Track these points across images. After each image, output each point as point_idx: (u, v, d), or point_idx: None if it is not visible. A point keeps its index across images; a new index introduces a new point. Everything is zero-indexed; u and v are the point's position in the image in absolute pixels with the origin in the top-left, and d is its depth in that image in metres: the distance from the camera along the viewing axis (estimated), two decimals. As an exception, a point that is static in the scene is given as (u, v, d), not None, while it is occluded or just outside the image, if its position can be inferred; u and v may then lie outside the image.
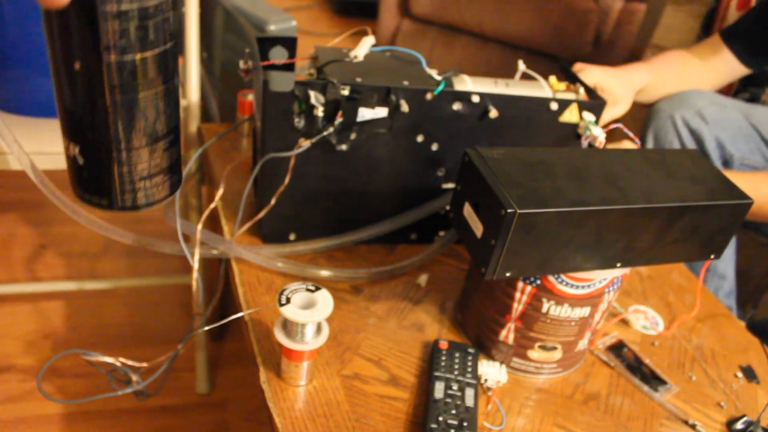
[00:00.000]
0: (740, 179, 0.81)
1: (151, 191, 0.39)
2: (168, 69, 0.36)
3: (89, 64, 0.33)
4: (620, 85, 1.01)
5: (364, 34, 0.86)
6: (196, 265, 0.79)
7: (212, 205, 0.88)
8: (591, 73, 0.97)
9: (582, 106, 0.81)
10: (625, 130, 0.83)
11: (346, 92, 0.74)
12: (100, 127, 0.35)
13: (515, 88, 0.83)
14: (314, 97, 0.74)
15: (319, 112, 0.74)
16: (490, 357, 0.75)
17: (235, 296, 0.78)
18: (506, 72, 0.89)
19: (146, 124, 0.36)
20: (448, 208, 0.85)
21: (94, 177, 0.37)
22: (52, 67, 0.35)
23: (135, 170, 0.37)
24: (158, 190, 0.39)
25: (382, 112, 0.77)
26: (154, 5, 0.33)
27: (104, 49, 0.33)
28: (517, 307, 0.70)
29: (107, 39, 0.32)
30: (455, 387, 0.67)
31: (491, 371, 0.71)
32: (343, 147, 0.78)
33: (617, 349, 0.80)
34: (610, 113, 0.99)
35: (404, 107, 0.76)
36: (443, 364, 0.70)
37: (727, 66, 1.17)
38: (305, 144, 0.76)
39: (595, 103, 0.82)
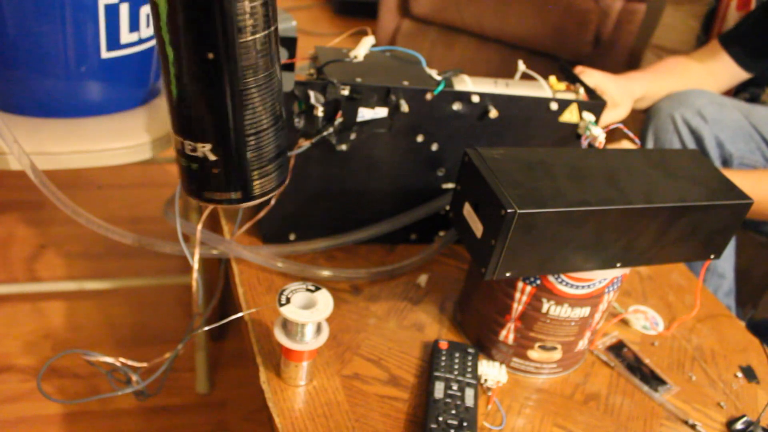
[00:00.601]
0: (738, 177, 0.81)
1: (279, 172, 0.39)
2: (277, 47, 0.37)
3: (224, 49, 0.33)
4: (619, 90, 1.01)
5: (364, 34, 0.86)
6: (196, 265, 0.79)
7: (212, 205, 0.88)
8: (590, 76, 0.97)
9: (582, 106, 0.81)
10: (625, 130, 0.83)
11: (346, 92, 0.74)
12: (234, 115, 0.35)
13: (515, 88, 0.83)
14: (314, 97, 0.74)
15: (319, 112, 0.74)
16: (490, 357, 0.75)
17: (235, 296, 0.78)
18: (506, 72, 0.89)
19: (271, 103, 0.37)
20: (448, 208, 0.85)
21: (229, 171, 0.37)
22: (174, 69, 0.34)
23: (266, 153, 0.38)
24: (280, 172, 0.40)
25: (382, 112, 0.77)
26: None
27: (237, 31, 0.33)
28: (517, 307, 0.70)
29: (241, 20, 0.33)
30: (455, 387, 0.67)
31: (491, 371, 0.71)
32: (343, 147, 0.78)
33: (617, 349, 0.80)
34: (608, 116, 0.99)
35: (404, 107, 0.76)
36: (443, 364, 0.70)
37: (727, 71, 1.17)
38: (305, 144, 0.76)
39: (595, 103, 0.82)
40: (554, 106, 0.80)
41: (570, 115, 0.82)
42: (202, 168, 0.37)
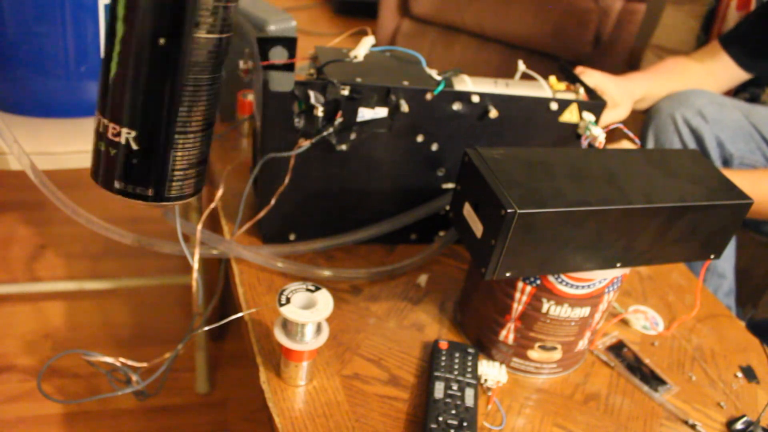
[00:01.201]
0: (738, 177, 0.81)
1: (195, 181, 0.38)
2: (226, 55, 0.37)
3: (176, 39, 0.33)
4: (619, 90, 1.01)
5: (364, 34, 0.86)
6: (196, 265, 0.79)
7: (212, 205, 0.88)
8: (590, 76, 0.97)
9: (582, 106, 0.81)
10: (625, 130, 0.83)
11: (346, 92, 0.74)
12: (170, 108, 0.35)
13: (515, 88, 0.83)
14: (314, 97, 0.74)
15: (319, 112, 0.74)
16: (490, 357, 0.75)
17: (235, 296, 0.78)
18: (506, 72, 0.89)
19: (205, 108, 0.36)
20: (448, 208, 0.85)
21: (147, 165, 0.36)
22: (119, 47, 0.33)
23: (189, 156, 0.37)
24: (199, 181, 0.39)
25: (382, 112, 0.77)
26: None
27: (194, 25, 0.33)
28: (517, 307, 0.70)
29: (201, 14, 0.33)
30: (455, 387, 0.67)
31: (491, 371, 0.71)
32: (343, 147, 0.78)
33: (617, 349, 0.80)
34: (608, 116, 0.99)
35: (404, 107, 0.76)
36: (443, 364, 0.70)
37: (727, 71, 1.17)
38: (305, 144, 0.76)
39: (595, 103, 0.82)
40: (554, 106, 0.80)
41: (570, 115, 0.82)
42: (120, 155, 0.36)
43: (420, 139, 0.81)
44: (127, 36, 0.33)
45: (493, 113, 0.79)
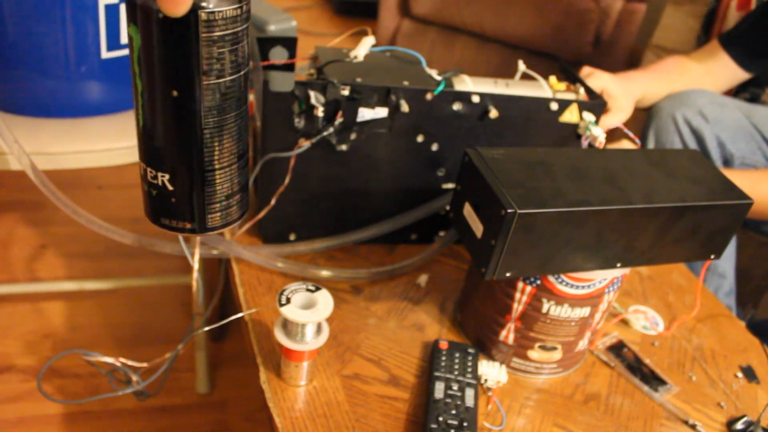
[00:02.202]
0: (738, 177, 0.81)
1: (233, 210, 0.41)
2: (247, 89, 0.39)
3: (188, 89, 0.35)
4: (624, 94, 1.01)
5: (364, 34, 0.86)
6: (196, 265, 0.79)
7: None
8: (600, 78, 0.96)
9: (582, 106, 0.81)
10: (625, 130, 0.83)
11: (346, 92, 0.74)
12: (194, 151, 0.37)
13: (515, 88, 0.83)
14: (314, 97, 0.74)
15: (319, 112, 0.74)
16: (490, 357, 0.75)
17: (235, 296, 0.78)
18: (506, 72, 0.89)
19: (232, 144, 0.38)
20: (448, 208, 0.85)
21: (183, 203, 0.39)
22: (141, 100, 0.36)
23: (222, 190, 0.39)
24: (236, 209, 0.42)
25: (382, 112, 0.77)
26: (242, 30, 0.36)
27: (203, 74, 0.35)
28: (517, 307, 0.70)
29: (205, 63, 0.35)
30: (455, 387, 0.67)
31: (491, 371, 0.71)
32: (343, 147, 0.78)
33: (617, 349, 0.80)
34: (613, 120, 0.98)
35: (404, 107, 0.76)
36: (443, 364, 0.70)
37: (727, 71, 1.17)
38: (305, 144, 0.76)
39: (595, 103, 0.82)
40: (554, 106, 0.80)
41: (570, 115, 0.82)
42: (160, 195, 0.39)
43: (420, 139, 0.81)
44: (144, 90, 0.36)
45: (493, 113, 0.79)
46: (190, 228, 0.40)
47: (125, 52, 0.98)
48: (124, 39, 0.98)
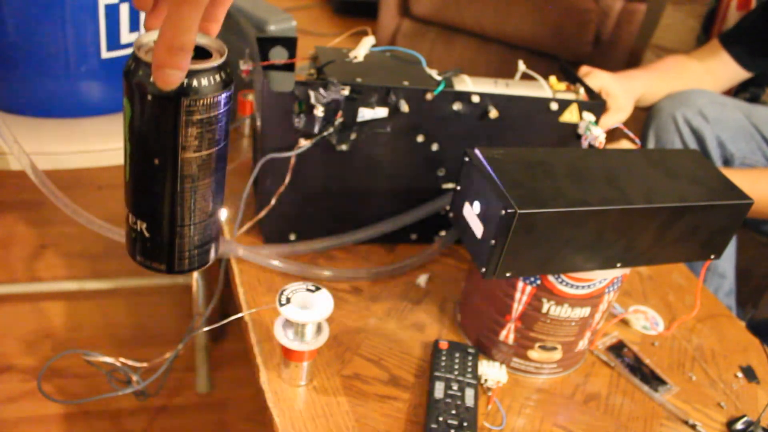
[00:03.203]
0: (737, 176, 0.81)
1: (202, 257, 0.47)
2: (225, 159, 0.44)
3: (167, 160, 0.40)
4: (623, 93, 1.01)
5: (364, 34, 0.86)
6: (196, 265, 0.79)
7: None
8: (598, 77, 0.96)
9: (582, 106, 0.81)
10: (625, 130, 0.83)
11: (346, 92, 0.74)
12: (169, 209, 0.43)
13: (515, 88, 0.83)
14: (314, 97, 0.74)
15: (319, 112, 0.74)
16: (490, 357, 0.75)
17: (235, 296, 0.78)
18: (506, 72, 0.89)
19: (204, 205, 0.44)
20: (448, 208, 0.85)
21: (157, 248, 0.45)
22: (130, 161, 0.42)
23: (192, 241, 0.45)
24: (207, 255, 0.47)
25: (382, 112, 0.77)
26: (221, 113, 0.40)
27: (181, 148, 0.40)
28: (517, 307, 0.70)
29: (184, 141, 0.40)
30: (455, 387, 0.67)
31: (491, 371, 0.71)
32: (343, 147, 0.78)
33: (617, 349, 0.80)
34: (612, 119, 0.98)
35: (404, 107, 0.76)
36: (443, 364, 0.70)
37: (727, 70, 1.17)
38: (305, 144, 0.76)
39: (595, 103, 0.82)
40: (554, 106, 0.80)
41: (570, 115, 0.82)
42: (139, 239, 0.45)
43: (420, 139, 0.81)
44: (131, 153, 0.41)
45: (493, 113, 0.79)
46: (162, 269, 0.46)
47: (125, 52, 0.98)
48: (124, 39, 0.98)
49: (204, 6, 0.36)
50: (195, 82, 0.38)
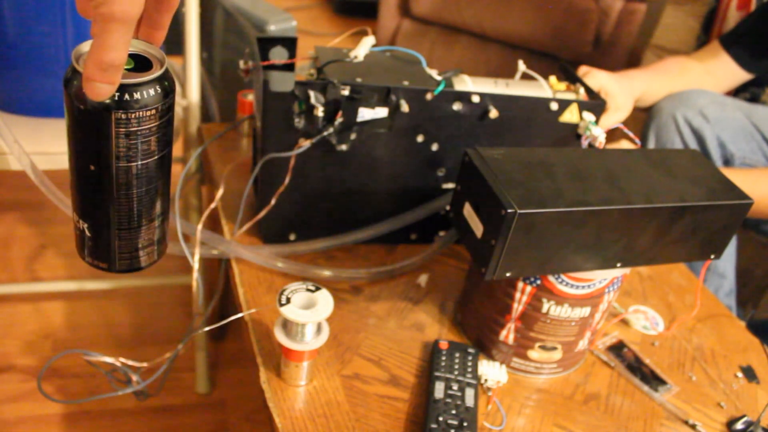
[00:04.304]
0: (737, 176, 0.81)
1: (143, 258, 0.48)
2: (164, 169, 0.44)
3: (102, 167, 0.41)
4: (622, 91, 1.01)
5: (364, 34, 0.86)
6: (196, 265, 0.79)
7: (212, 205, 0.88)
8: (596, 77, 0.97)
9: (582, 106, 0.81)
10: (625, 130, 0.83)
11: (346, 92, 0.74)
12: (107, 213, 0.44)
13: (515, 88, 0.83)
14: (314, 97, 0.74)
15: (319, 112, 0.74)
16: (490, 357, 0.75)
17: (235, 296, 0.78)
18: (506, 72, 0.89)
19: (143, 211, 0.45)
20: (448, 208, 0.85)
21: (99, 247, 0.46)
22: (70, 164, 0.43)
23: (131, 244, 0.46)
24: (149, 257, 0.48)
25: (382, 112, 0.77)
26: (156, 125, 0.40)
27: (114, 158, 0.40)
28: (517, 307, 0.70)
29: (117, 151, 0.40)
30: (455, 387, 0.67)
31: (491, 371, 0.71)
32: (343, 147, 0.78)
33: (617, 349, 0.80)
34: (611, 119, 0.98)
35: (404, 107, 0.76)
36: (443, 364, 0.70)
37: (728, 71, 1.17)
38: (305, 144, 0.76)
39: (595, 103, 0.82)
40: (554, 106, 0.80)
41: (570, 115, 0.82)
42: (83, 238, 0.46)
43: (420, 139, 0.81)
44: (71, 158, 0.42)
45: (493, 113, 0.79)
46: (105, 267, 0.47)
47: (125, 52, 0.98)
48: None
49: (133, 24, 0.36)
50: (127, 96, 0.38)
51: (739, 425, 0.71)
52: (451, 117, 0.79)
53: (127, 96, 0.38)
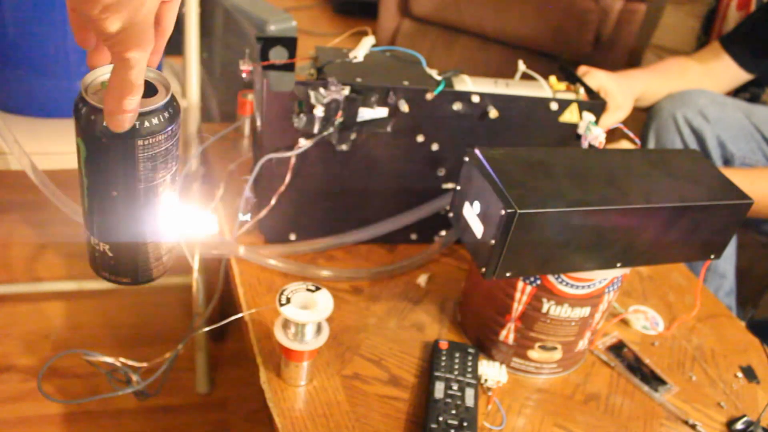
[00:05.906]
0: (737, 176, 0.81)
1: (163, 266, 0.51)
2: (175, 182, 0.46)
3: (126, 192, 0.43)
4: (621, 90, 1.01)
5: (364, 34, 0.86)
6: (196, 265, 0.79)
7: (212, 205, 0.88)
8: (595, 77, 0.97)
9: (582, 106, 0.81)
10: (625, 130, 0.83)
11: (346, 92, 0.74)
12: (130, 233, 0.46)
13: (515, 88, 0.83)
14: (314, 97, 0.74)
15: (319, 112, 0.74)
16: (490, 357, 0.75)
17: (235, 296, 0.78)
18: (506, 72, 0.89)
19: (163, 221, 0.47)
20: (448, 208, 0.85)
21: (122, 264, 0.48)
22: (88, 193, 0.44)
23: (152, 256, 0.48)
24: (167, 263, 0.51)
25: (382, 112, 0.77)
26: (172, 143, 0.43)
27: (138, 180, 0.43)
28: (517, 307, 0.70)
29: (141, 174, 0.43)
30: (455, 387, 0.67)
31: (491, 371, 0.71)
32: (343, 147, 0.78)
33: (617, 349, 0.80)
34: (611, 118, 0.98)
35: (404, 107, 0.76)
36: (443, 364, 0.70)
37: (728, 71, 1.17)
38: (305, 144, 0.76)
39: (595, 103, 0.82)
40: (554, 106, 0.80)
41: (570, 115, 0.82)
42: (102, 257, 0.48)
43: (420, 139, 0.81)
44: (89, 187, 0.44)
45: (493, 113, 0.79)
46: (127, 282, 0.49)
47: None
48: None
49: (149, 51, 0.38)
50: (147, 122, 0.41)
51: (739, 425, 0.71)
52: (451, 117, 0.79)
53: (147, 122, 0.41)
